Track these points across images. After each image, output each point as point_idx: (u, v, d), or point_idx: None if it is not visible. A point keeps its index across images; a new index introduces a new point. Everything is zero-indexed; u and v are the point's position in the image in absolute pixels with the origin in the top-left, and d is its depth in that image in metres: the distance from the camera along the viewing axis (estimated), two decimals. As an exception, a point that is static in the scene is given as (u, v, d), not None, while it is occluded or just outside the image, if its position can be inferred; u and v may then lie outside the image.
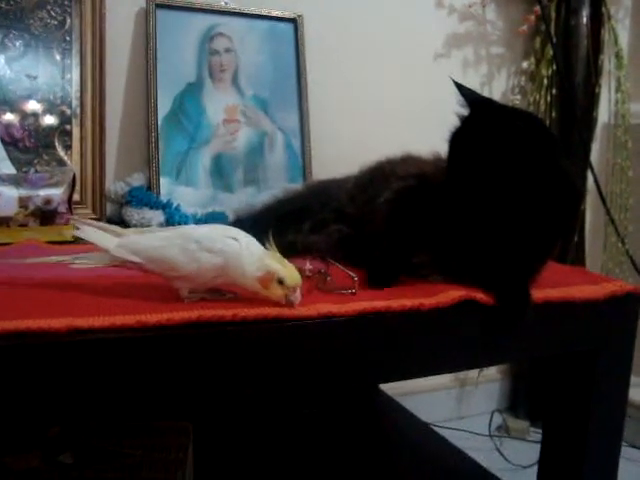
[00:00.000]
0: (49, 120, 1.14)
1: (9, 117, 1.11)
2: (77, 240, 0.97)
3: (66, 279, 0.68)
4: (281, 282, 0.60)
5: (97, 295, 0.64)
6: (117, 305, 0.60)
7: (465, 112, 0.75)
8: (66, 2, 1.15)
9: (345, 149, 1.38)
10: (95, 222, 0.67)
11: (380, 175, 0.88)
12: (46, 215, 0.96)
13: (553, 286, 0.78)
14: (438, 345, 0.70)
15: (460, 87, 0.75)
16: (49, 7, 1.14)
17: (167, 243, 0.62)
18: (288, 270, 0.61)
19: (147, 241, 0.63)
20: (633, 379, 0.85)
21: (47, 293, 0.64)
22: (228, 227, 0.65)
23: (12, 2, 1.11)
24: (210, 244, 0.61)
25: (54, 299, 0.62)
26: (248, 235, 0.63)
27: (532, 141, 0.70)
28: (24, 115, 1.12)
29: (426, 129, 1.14)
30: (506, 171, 0.70)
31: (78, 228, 0.65)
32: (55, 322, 0.54)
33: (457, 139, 0.74)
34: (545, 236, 0.74)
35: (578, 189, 0.76)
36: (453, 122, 0.75)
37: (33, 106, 1.13)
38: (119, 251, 0.62)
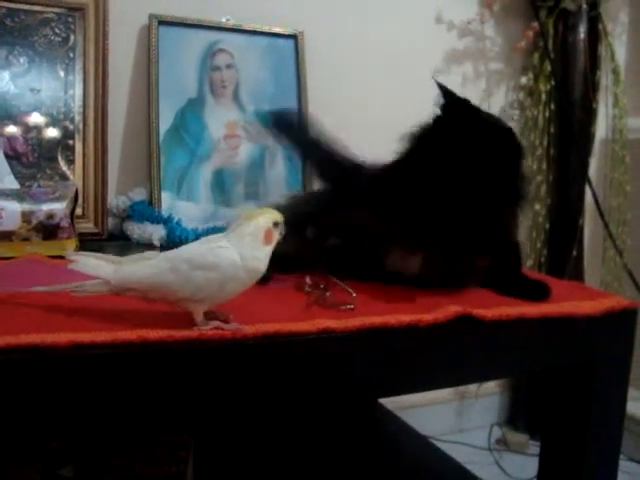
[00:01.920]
0: (52, 135, 1.15)
1: (13, 132, 1.12)
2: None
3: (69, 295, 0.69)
4: (276, 225, 0.62)
5: (100, 311, 0.64)
6: (119, 320, 0.61)
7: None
8: (70, 19, 1.17)
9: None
10: (88, 253, 0.64)
11: None
12: (48, 229, 0.96)
13: (551, 301, 0.79)
14: (437, 360, 0.71)
15: (441, 88, 0.84)
16: (53, 24, 1.16)
17: (158, 270, 0.60)
18: (267, 215, 0.62)
19: (142, 270, 0.61)
20: (632, 392, 0.86)
21: (49, 308, 0.65)
22: (214, 237, 0.64)
23: (17, 19, 1.13)
24: (202, 260, 0.60)
25: (57, 314, 0.63)
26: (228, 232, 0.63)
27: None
28: (27, 130, 1.13)
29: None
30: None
31: (72, 261, 0.62)
32: (57, 337, 0.55)
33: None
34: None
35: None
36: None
37: (36, 119, 1.14)
38: (119, 282, 0.61)
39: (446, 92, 0.83)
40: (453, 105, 0.82)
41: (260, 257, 0.61)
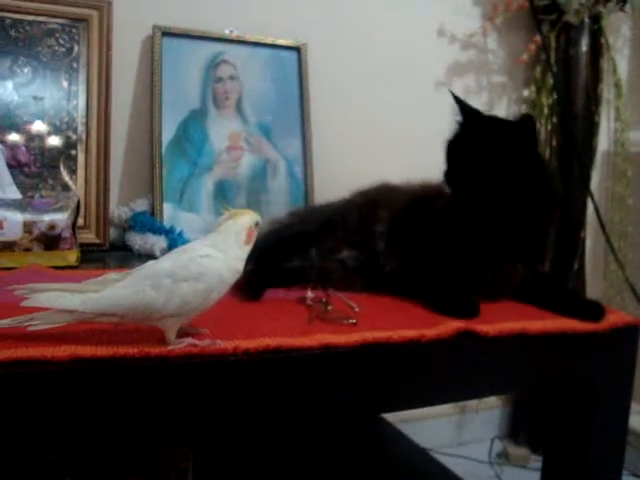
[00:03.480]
0: (54, 145, 1.15)
1: (15, 141, 1.12)
2: (80, 265, 0.99)
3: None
4: (256, 225, 0.63)
5: (99, 327, 0.64)
6: (120, 335, 0.60)
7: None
8: (74, 30, 1.17)
9: (347, 176, 1.39)
10: (40, 285, 0.58)
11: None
12: (50, 240, 0.96)
13: (553, 317, 0.79)
14: (439, 376, 0.71)
15: (457, 99, 0.86)
16: (57, 35, 1.16)
17: (136, 289, 0.56)
18: (251, 215, 0.63)
19: (118, 293, 0.57)
20: (635, 407, 0.85)
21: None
22: (192, 246, 0.62)
23: (22, 30, 1.14)
24: (185, 272, 0.57)
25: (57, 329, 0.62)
26: (205, 241, 0.62)
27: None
28: (30, 139, 1.14)
29: (428, 156, 1.14)
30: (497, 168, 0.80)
31: (28, 298, 0.57)
32: (58, 351, 0.55)
33: (453, 145, 0.85)
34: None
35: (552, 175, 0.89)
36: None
37: (39, 127, 1.14)
38: (90, 310, 0.56)
39: (462, 105, 0.86)
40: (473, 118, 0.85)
41: (243, 257, 0.61)
